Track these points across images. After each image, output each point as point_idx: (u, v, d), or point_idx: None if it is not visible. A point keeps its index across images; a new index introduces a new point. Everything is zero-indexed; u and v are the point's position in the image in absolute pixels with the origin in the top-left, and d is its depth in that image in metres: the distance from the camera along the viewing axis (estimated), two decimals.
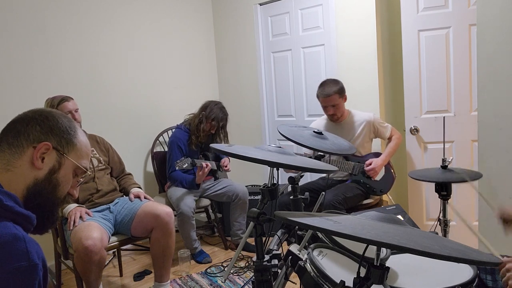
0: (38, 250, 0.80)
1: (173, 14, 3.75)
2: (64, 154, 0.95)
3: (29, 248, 0.78)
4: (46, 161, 0.93)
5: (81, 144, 0.99)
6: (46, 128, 0.94)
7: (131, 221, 2.40)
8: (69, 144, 0.97)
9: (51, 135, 0.94)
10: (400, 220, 1.76)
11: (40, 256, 0.80)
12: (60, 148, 0.95)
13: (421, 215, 2.93)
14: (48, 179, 0.93)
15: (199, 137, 3.08)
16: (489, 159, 2.12)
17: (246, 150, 1.27)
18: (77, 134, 0.99)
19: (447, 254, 0.68)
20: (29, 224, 0.87)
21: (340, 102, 2.69)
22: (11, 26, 2.78)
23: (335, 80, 2.72)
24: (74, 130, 0.99)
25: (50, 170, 0.93)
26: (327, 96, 2.65)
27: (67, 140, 0.96)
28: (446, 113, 2.77)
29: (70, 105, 2.47)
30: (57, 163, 0.94)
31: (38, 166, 0.91)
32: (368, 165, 2.67)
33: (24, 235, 0.80)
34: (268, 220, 1.22)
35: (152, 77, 3.61)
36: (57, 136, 0.95)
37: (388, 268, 0.86)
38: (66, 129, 0.97)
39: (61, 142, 0.95)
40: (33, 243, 0.80)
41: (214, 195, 3.18)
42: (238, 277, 2.74)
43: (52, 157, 0.94)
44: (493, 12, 2.02)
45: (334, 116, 2.73)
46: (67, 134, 0.97)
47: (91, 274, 2.13)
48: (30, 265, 0.77)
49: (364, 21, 2.96)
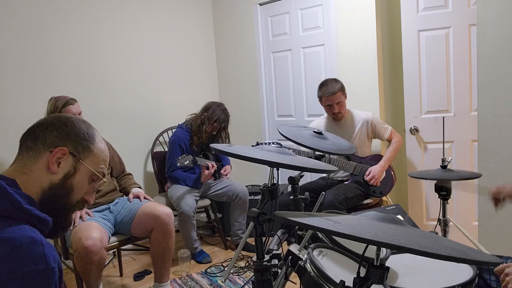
0: (54, 254, 0.81)
1: (173, 14, 3.75)
2: (80, 159, 0.96)
3: (46, 251, 0.79)
4: (62, 166, 0.93)
5: (98, 150, 1.00)
6: (63, 134, 0.95)
7: (131, 221, 2.40)
8: (86, 150, 0.97)
9: (68, 140, 0.95)
10: (400, 220, 1.76)
11: (56, 260, 0.81)
12: (76, 154, 0.96)
13: (421, 215, 2.94)
14: (63, 183, 0.94)
15: (201, 138, 3.09)
16: (489, 159, 2.12)
17: (246, 150, 1.27)
18: (94, 140, 1.00)
19: (447, 254, 0.69)
20: (46, 228, 0.88)
21: (344, 99, 2.71)
22: (11, 26, 2.78)
23: (335, 79, 2.74)
24: (92, 136, 1.00)
25: (65, 175, 0.94)
26: (333, 94, 2.64)
27: (84, 146, 0.97)
28: (446, 113, 2.77)
29: (74, 108, 2.47)
30: (72, 168, 0.95)
31: (54, 170, 0.92)
32: (368, 175, 2.67)
33: (42, 238, 0.81)
34: (268, 220, 1.22)
35: (152, 77, 3.61)
36: (74, 142, 0.96)
37: (388, 268, 0.86)
38: (84, 135, 0.98)
39: (78, 147, 0.96)
40: (50, 247, 0.81)
41: (214, 195, 3.18)
42: (238, 277, 2.74)
43: (68, 162, 0.94)
44: (493, 12, 2.02)
45: (339, 114, 2.72)
46: (84, 140, 0.97)
47: (91, 274, 2.13)
48: (47, 268, 0.78)
49: (364, 21, 2.96)
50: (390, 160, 2.73)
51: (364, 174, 2.69)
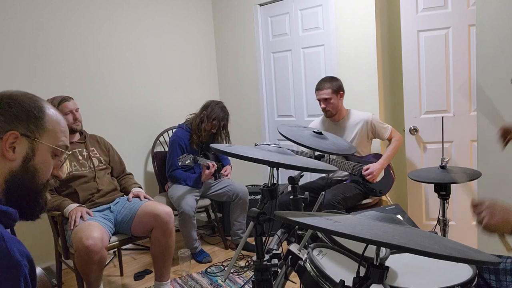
0: (20, 247, 0.77)
1: (173, 14, 3.75)
2: (36, 139, 0.89)
3: (9, 246, 0.74)
4: (17, 151, 0.87)
5: (53, 123, 0.93)
6: (10, 116, 0.87)
7: (132, 221, 2.41)
8: (39, 128, 0.90)
9: (17, 122, 0.87)
10: (399, 220, 1.77)
11: (24, 253, 0.77)
12: (30, 134, 0.88)
13: (420, 215, 2.94)
14: (24, 168, 0.88)
15: (201, 137, 3.09)
16: (488, 159, 2.13)
17: (246, 150, 1.28)
18: (45, 113, 0.91)
19: (447, 254, 0.69)
20: (10, 220, 0.83)
21: (333, 97, 2.72)
22: (11, 26, 2.78)
23: (333, 77, 2.79)
24: (42, 110, 0.91)
25: (24, 159, 0.88)
26: (319, 89, 2.73)
27: (36, 124, 0.89)
28: (446, 113, 2.77)
29: (71, 104, 2.48)
30: (30, 150, 0.88)
31: (10, 157, 0.86)
32: (366, 169, 2.68)
33: (3, 233, 0.76)
34: (268, 219, 1.23)
35: (152, 77, 3.61)
36: (24, 122, 0.88)
37: (387, 267, 0.87)
38: (32, 112, 0.89)
39: (30, 127, 0.89)
40: (13, 241, 0.76)
41: (214, 195, 3.19)
42: (238, 277, 2.74)
43: (23, 145, 0.88)
44: (492, 12, 2.02)
45: (327, 111, 2.76)
46: (35, 118, 0.89)
47: (91, 273, 2.14)
48: (12, 264, 0.74)
49: (364, 22, 2.96)
50: (389, 158, 2.74)
51: (363, 175, 2.70)
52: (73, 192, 2.42)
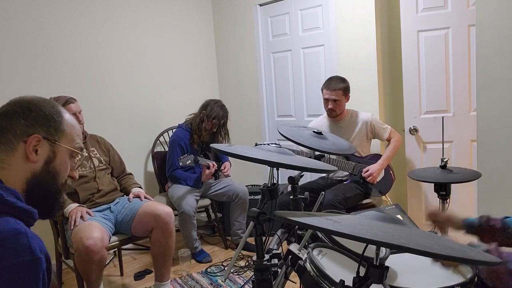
0: (41, 245, 0.81)
1: (173, 14, 3.75)
2: (56, 142, 0.94)
3: (31, 242, 0.79)
4: (40, 153, 0.92)
5: (69, 127, 0.98)
6: (31, 120, 0.92)
7: (132, 221, 2.41)
8: (58, 131, 0.95)
9: (38, 126, 0.92)
10: (399, 219, 1.77)
11: (43, 250, 0.81)
12: (50, 137, 0.93)
13: (420, 215, 2.94)
14: (46, 169, 0.93)
15: (201, 136, 3.10)
16: (488, 159, 2.13)
17: (246, 150, 1.28)
18: (63, 118, 0.97)
19: (447, 254, 0.69)
20: (31, 219, 0.88)
21: (342, 99, 2.72)
22: (11, 26, 2.78)
23: (343, 78, 2.77)
24: (60, 114, 0.97)
25: (46, 161, 0.93)
26: (333, 89, 2.70)
27: (55, 128, 0.94)
28: (445, 113, 2.77)
29: (74, 107, 2.48)
30: (51, 152, 0.93)
31: (33, 159, 0.91)
32: (366, 171, 2.68)
33: (26, 230, 0.81)
34: (268, 219, 1.23)
35: (152, 77, 3.61)
36: (44, 126, 0.93)
37: (387, 267, 0.87)
38: (52, 116, 0.95)
39: (50, 131, 0.93)
40: (35, 237, 0.81)
41: (214, 195, 3.19)
42: (238, 277, 2.74)
43: (45, 147, 0.92)
44: (492, 12, 2.02)
45: (333, 111, 2.75)
46: (54, 122, 0.94)
47: (91, 273, 2.14)
48: (33, 259, 0.78)
49: (364, 22, 2.96)
50: (389, 159, 2.74)
51: (363, 177, 2.70)
52: (73, 192, 2.42)
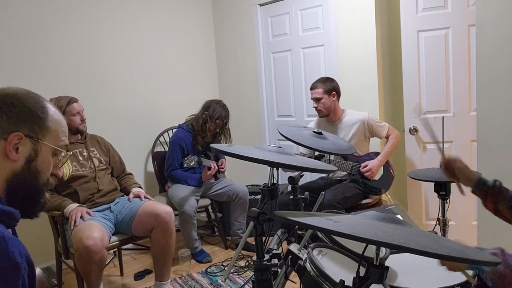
0: (21, 249, 0.76)
1: (173, 14, 3.75)
2: (39, 140, 0.89)
3: (9, 247, 0.74)
4: (21, 151, 0.86)
5: (55, 124, 0.92)
6: (14, 117, 0.86)
7: (132, 221, 2.41)
8: (43, 129, 0.89)
9: (21, 123, 0.86)
10: (399, 219, 1.77)
11: (24, 254, 0.77)
12: (33, 135, 0.88)
13: (420, 215, 2.94)
14: (27, 169, 0.87)
15: (206, 137, 3.10)
16: (488, 159, 2.13)
17: (246, 150, 1.28)
18: (48, 114, 0.91)
19: (447, 254, 0.69)
20: (12, 220, 0.83)
21: (324, 97, 2.74)
22: (11, 26, 2.78)
23: (329, 78, 2.81)
24: (45, 111, 0.91)
25: (27, 160, 0.87)
26: (313, 88, 2.77)
27: (40, 125, 0.89)
28: (445, 113, 2.77)
29: (77, 106, 2.49)
30: (33, 151, 0.88)
31: (14, 158, 0.85)
32: (364, 167, 2.68)
33: (4, 234, 0.75)
34: (268, 219, 1.23)
35: (152, 77, 3.61)
36: (28, 123, 0.87)
37: (387, 267, 0.87)
38: (36, 112, 0.89)
39: (34, 128, 0.88)
40: (14, 241, 0.76)
41: (214, 195, 3.19)
42: (238, 277, 2.74)
43: (26, 146, 0.87)
44: (492, 12, 2.02)
45: (318, 110, 2.78)
46: (38, 119, 0.89)
47: (92, 273, 2.14)
48: (10, 264, 0.73)
49: (364, 22, 2.96)
50: (387, 155, 2.75)
51: (361, 174, 2.70)
52: (73, 192, 2.42)
